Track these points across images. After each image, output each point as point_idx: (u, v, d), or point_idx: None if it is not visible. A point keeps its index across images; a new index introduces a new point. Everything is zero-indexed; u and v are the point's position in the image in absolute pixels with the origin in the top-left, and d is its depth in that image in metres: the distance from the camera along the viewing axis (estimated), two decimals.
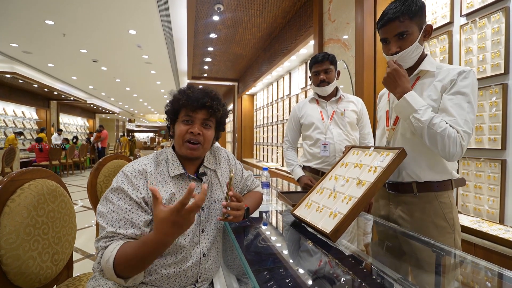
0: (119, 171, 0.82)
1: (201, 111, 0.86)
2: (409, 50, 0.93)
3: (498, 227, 1.45)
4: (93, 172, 1.56)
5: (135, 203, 0.76)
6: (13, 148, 5.48)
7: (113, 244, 0.70)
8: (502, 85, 1.49)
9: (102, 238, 0.72)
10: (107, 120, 18.91)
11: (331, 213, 0.88)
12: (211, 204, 0.91)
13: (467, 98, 0.86)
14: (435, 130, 0.84)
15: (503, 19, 1.49)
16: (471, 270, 0.76)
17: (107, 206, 0.76)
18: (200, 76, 7.58)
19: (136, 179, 0.79)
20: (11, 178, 0.82)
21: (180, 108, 0.87)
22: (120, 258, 0.67)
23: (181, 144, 0.86)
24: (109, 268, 0.67)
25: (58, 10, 4.03)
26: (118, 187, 0.77)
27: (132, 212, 0.75)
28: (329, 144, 1.53)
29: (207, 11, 3.83)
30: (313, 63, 1.56)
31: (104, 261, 0.68)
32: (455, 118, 0.85)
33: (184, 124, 0.86)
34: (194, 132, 0.84)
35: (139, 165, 0.83)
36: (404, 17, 0.91)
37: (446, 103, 0.88)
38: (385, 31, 0.96)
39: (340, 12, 2.68)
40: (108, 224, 0.73)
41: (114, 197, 0.76)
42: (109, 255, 0.68)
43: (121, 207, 0.75)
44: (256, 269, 0.70)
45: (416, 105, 0.87)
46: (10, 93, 8.87)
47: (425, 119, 0.85)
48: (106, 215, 0.74)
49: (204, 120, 0.87)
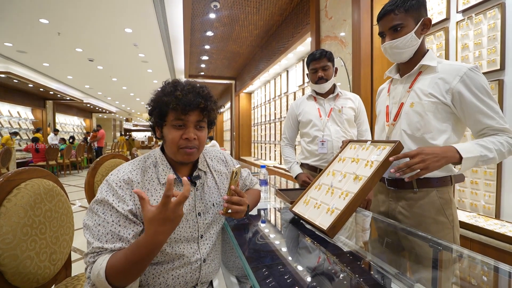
0: (105, 180, 0.75)
1: (193, 112, 0.78)
2: (402, 39, 0.93)
3: (494, 222, 1.46)
4: (90, 171, 1.55)
5: (121, 215, 0.70)
6: (9, 148, 5.44)
7: (101, 257, 0.67)
8: (498, 81, 1.50)
9: (89, 254, 0.68)
10: (104, 119, 18.81)
11: (328, 209, 0.89)
12: (209, 209, 0.87)
13: (488, 95, 0.87)
14: (503, 152, 0.85)
15: (499, 15, 1.50)
16: (470, 266, 0.77)
17: (93, 218, 0.71)
18: (197, 74, 7.55)
19: (122, 189, 0.73)
20: (7, 178, 0.81)
21: (169, 111, 0.78)
22: (111, 268, 0.64)
23: (175, 151, 0.79)
24: (101, 281, 0.63)
25: (52, 9, 3.98)
26: (102, 199, 0.71)
27: (119, 225, 0.70)
28: (327, 141, 1.53)
29: (204, 8, 3.81)
30: (310, 60, 1.56)
31: (94, 276, 0.64)
32: (497, 119, 0.86)
33: (176, 129, 0.78)
34: (190, 138, 0.77)
35: (124, 173, 0.76)
36: (400, 10, 0.92)
37: (478, 105, 0.87)
38: (381, 25, 0.98)
39: (337, 9, 2.67)
40: (94, 239, 0.68)
41: (100, 209, 0.71)
42: (98, 268, 0.64)
43: (107, 220, 0.69)
44: (254, 266, 0.71)
45: (474, 153, 0.84)
46: (5, 93, 8.78)
47: (492, 155, 0.85)
48: (92, 228, 0.69)
49: (198, 122, 0.80)
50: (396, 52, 0.97)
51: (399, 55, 0.98)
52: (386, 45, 0.97)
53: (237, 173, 0.80)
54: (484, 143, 0.86)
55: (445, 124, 0.93)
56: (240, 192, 0.82)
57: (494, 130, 0.87)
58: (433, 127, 0.94)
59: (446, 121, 0.93)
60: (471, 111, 0.88)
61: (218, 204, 0.90)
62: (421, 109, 0.95)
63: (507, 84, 1.48)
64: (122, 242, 0.69)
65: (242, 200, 0.81)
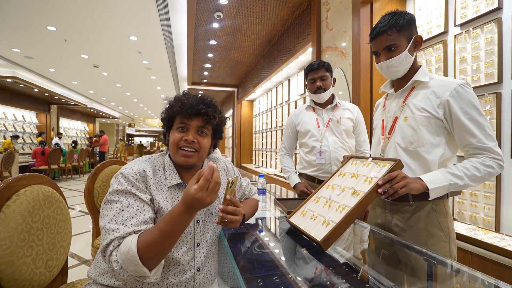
0: (117, 174, 0.79)
1: (196, 118, 0.84)
2: (397, 59, 0.95)
3: (494, 235, 1.45)
4: (90, 177, 1.56)
5: (145, 203, 0.75)
6: (12, 152, 5.48)
7: (127, 238, 0.67)
8: (496, 94, 1.51)
9: (114, 239, 0.68)
10: (107, 124, 18.94)
11: (324, 222, 0.89)
12: (208, 217, 0.89)
13: (476, 111, 0.87)
14: (478, 177, 0.86)
15: (495, 29, 1.52)
16: (463, 281, 0.76)
17: (114, 206, 0.72)
18: (200, 82, 7.63)
19: (139, 182, 0.77)
20: (6, 184, 0.82)
21: (175, 115, 0.85)
22: (144, 242, 0.65)
23: (175, 152, 0.84)
24: (132, 257, 0.64)
25: (60, 17, 4.08)
26: (124, 189, 0.74)
27: (144, 209, 0.74)
28: (325, 151, 1.54)
29: (207, 18, 3.88)
30: (308, 71, 1.58)
31: (124, 253, 0.64)
32: (479, 137, 0.86)
33: (178, 132, 0.84)
34: (189, 140, 0.82)
35: (139, 166, 0.80)
36: (392, 31, 0.94)
37: (463, 122, 0.88)
38: (375, 44, 1.00)
39: (338, 21, 2.72)
40: (118, 224, 0.69)
41: (122, 197, 0.73)
42: (129, 244, 0.65)
43: (131, 205, 0.72)
44: (249, 276, 0.71)
45: (442, 183, 0.86)
46: (11, 97, 8.91)
47: (463, 183, 0.86)
48: (114, 215, 0.70)
49: (200, 128, 0.85)
50: (392, 71, 1.00)
51: (395, 73, 1.01)
52: (383, 64, 0.99)
53: (233, 183, 0.81)
54: (454, 171, 0.87)
55: (439, 138, 0.94)
56: (235, 202, 0.83)
57: (474, 148, 0.88)
58: (426, 141, 0.95)
59: (440, 135, 0.94)
60: (457, 127, 0.90)
61: (216, 213, 0.91)
62: (414, 123, 0.96)
63: (504, 97, 1.50)
64: (146, 224, 0.72)
65: (237, 210, 0.82)
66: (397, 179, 0.84)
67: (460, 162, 0.90)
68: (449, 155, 0.95)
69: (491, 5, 1.55)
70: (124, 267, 0.65)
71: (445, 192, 0.89)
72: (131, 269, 0.65)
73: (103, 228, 0.71)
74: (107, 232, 0.69)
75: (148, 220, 0.73)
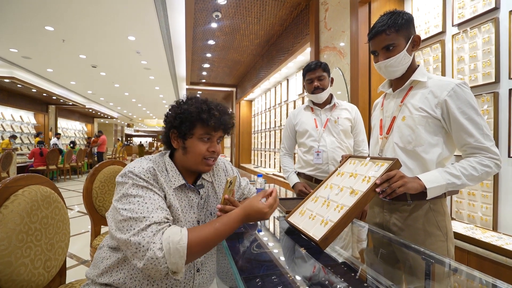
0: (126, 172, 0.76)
1: (220, 130, 0.86)
2: (396, 58, 0.96)
3: (491, 234, 1.46)
4: (89, 177, 1.56)
5: (161, 197, 0.76)
6: (10, 153, 5.46)
7: (173, 228, 0.68)
8: (493, 94, 1.52)
9: (149, 226, 0.66)
10: (106, 124, 18.90)
11: (322, 221, 0.89)
12: (207, 217, 0.89)
13: (474, 110, 0.88)
14: (476, 176, 0.86)
15: (493, 29, 1.53)
16: (461, 280, 0.77)
17: (135, 200, 0.70)
18: (199, 81, 7.63)
19: (150, 179, 0.77)
20: (5, 185, 0.82)
21: (198, 123, 0.83)
22: (195, 236, 0.67)
23: (199, 162, 0.84)
24: (182, 247, 0.64)
25: (58, 17, 4.07)
26: (141, 185, 0.74)
27: (163, 202, 0.75)
28: (322, 151, 1.55)
29: (206, 18, 3.88)
30: (306, 71, 1.59)
31: (174, 242, 0.64)
32: (476, 137, 0.87)
33: (203, 142, 0.84)
34: (217, 151, 0.86)
35: (147, 165, 0.79)
36: (391, 30, 0.94)
37: (461, 121, 0.88)
38: (373, 44, 1.00)
39: (336, 21, 2.72)
40: (145, 213, 0.68)
41: (140, 191, 0.72)
42: (180, 234, 0.65)
43: (153, 198, 0.72)
44: (247, 276, 0.71)
45: (440, 182, 0.87)
46: (9, 97, 8.88)
47: (461, 182, 0.87)
48: (137, 208, 0.69)
49: (220, 138, 0.89)
50: (390, 71, 1.00)
51: (393, 73, 1.01)
52: (381, 64, 0.99)
53: (231, 183, 0.82)
54: (452, 170, 0.88)
55: (436, 138, 0.95)
56: (234, 201, 0.84)
57: (472, 148, 0.88)
58: (424, 140, 0.95)
59: (437, 134, 0.95)
60: (454, 127, 0.90)
61: (215, 213, 0.91)
62: (412, 123, 0.97)
63: (502, 96, 1.50)
64: (169, 215, 0.74)
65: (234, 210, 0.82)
66: (395, 178, 0.84)
67: (457, 162, 0.91)
68: (447, 154, 0.96)
69: (488, 5, 1.56)
70: (167, 257, 0.63)
71: (443, 192, 0.89)
72: (173, 260, 0.63)
73: (130, 218, 0.67)
74: (138, 220, 0.66)
75: (169, 211, 0.75)
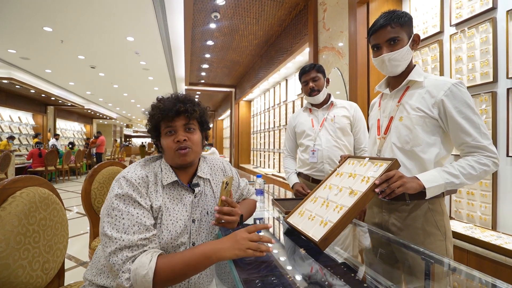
0: (119, 177, 0.77)
1: (178, 118, 0.84)
2: (400, 52, 0.96)
3: (490, 233, 1.46)
4: (87, 178, 1.55)
5: (145, 209, 0.75)
6: (8, 154, 5.43)
7: (144, 256, 0.67)
8: (491, 93, 1.52)
9: (120, 250, 0.67)
10: (105, 125, 18.86)
11: (321, 222, 0.89)
12: (203, 216, 0.88)
13: (471, 110, 0.88)
14: (474, 175, 0.87)
15: (490, 29, 1.53)
16: (460, 280, 0.77)
17: (113, 213, 0.71)
18: (198, 82, 7.62)
19: (141, 186, 0.77)
20: (2, 186, 0.82)
21: (159, 122, 0.85)
22: (163, 269, 0.66)
23: (173, 156, 0.84)
24: (146, 281, 0.64)
25: (56, 17, 4.06)
26: (124, 194, 0.73)
27: (144, 216, 0.73)
28: (317, 150, 1.56)
29: (204, 19, 3.88)
30: (301, 74, 1.62)
31: (140, 276, 0.64)
32: (474, 136, 0.87)
33: (168, 136, 0.84)
34: (180, 140, 0.83)
35: (141, 171, 0.80)
36: (396, 24, 0.95)
37: (458, 121, 0.89)
38: (376, 37, 0.99)
39: (334, 21, 2.73)
40: (120, 233, 0.68)
41: (121, 204, 0.72)
42: (146, 269, 0.65)
43: (131, 213, 0.72)
44: (246, 277, 0.71)
45: (438, 181, 0.87)
46: (7, 98, 8.85)
47: (459, 181, 0.87)
48: (115, 223, 0.70)
49: (186, 125, 0.85)
50: (394, 64, 0.99)
51: (396, 67, 1.00)
52: (385, 56, 0.97)
53: (228, 183, 0.81)
54: (450, 170, 0.88)
55: (434, 137, 0.95)
56: (231, 202, 0.83)
57: (469, 147, 0.89)
58: (421, 140, 0.95)
59: (435, 134, 0.95)
60: (452, 126, 0.91)
61: (212, 213, 0.91)
62: (410, 123, 0.97)
63: (500, 96, 1.51)
64: (148, 232, 0.72)
65: (233, 211, 0.82)
66: (394, 178, 0.84)
67: (455, 161, 0.91)
68: (445, 154, 0.96)
69: (485, 5, 1.56)
70: (135, 284, 0.65)
71: (441, 191, 0.89)
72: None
73: (104, 234, 0.70)
74: (110, 240, 0.68)
75: (149, 227, 0.73)
